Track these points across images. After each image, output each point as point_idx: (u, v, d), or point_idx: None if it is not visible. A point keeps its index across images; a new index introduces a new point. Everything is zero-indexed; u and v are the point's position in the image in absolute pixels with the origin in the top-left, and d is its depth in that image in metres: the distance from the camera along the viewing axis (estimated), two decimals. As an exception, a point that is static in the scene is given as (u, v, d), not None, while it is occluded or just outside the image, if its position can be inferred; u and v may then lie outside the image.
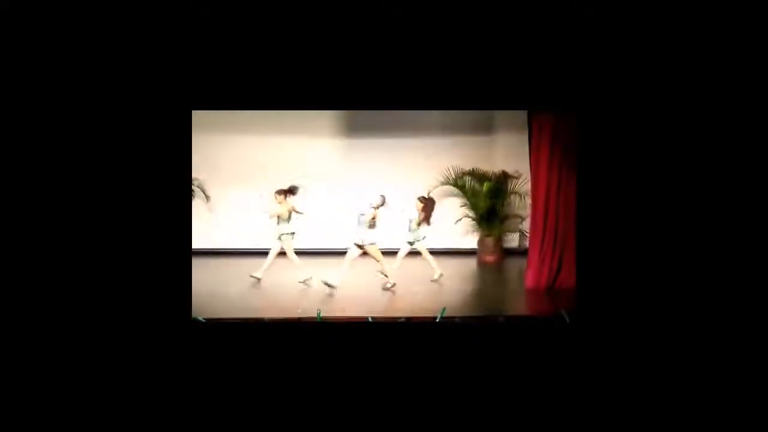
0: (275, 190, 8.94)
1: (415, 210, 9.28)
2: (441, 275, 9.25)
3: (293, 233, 9.01)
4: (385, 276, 8.70)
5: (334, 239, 9.69)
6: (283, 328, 6.56)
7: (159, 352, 5.64)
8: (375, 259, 8.64)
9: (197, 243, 10.43)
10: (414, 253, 9.40)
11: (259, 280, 9.00)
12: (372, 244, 8.51)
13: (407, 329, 6.62)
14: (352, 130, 11.40)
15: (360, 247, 8.54)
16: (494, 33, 6.56)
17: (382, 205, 8.66)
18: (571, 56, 6.69)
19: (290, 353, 5.67)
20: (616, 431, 4.64)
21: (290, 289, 8.79)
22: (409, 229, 9.32)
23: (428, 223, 9.17)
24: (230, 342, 5.94)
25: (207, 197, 11.26)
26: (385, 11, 6.25)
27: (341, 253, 8.77)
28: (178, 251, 6.56)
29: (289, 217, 8.96)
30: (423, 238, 9.27)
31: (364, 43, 6.51)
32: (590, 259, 7.04)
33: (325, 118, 11.28)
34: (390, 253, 9.17)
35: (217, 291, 8.58)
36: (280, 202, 8.92)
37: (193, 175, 10.87)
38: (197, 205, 11.14)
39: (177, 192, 6.57)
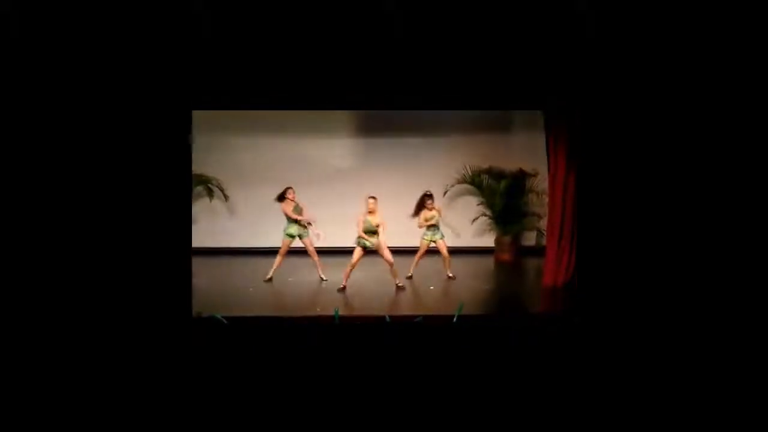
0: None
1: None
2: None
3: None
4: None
5: (348, 238, 9.69)
6: (301, 326, 6.61)
7: (165, 348, 5.69)
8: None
9: (216, 242, 10.65)
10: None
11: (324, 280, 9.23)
12: None
13: (424, 327, 6.65)
14: (370, 129, 11.42)
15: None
16: (504, 38, 6.58)
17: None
18: (575, 59, 6.70)
19: (308, 350, 5.71)
20: (631, 426, 4.63)
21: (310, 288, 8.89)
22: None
23: None
24: (249, 339, 5.98)
25: (225, 197, 11.34)
26: (390, 14, 6.26)
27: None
28: (178, 249, 6.63)
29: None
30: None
31: (369, 44, 6.52)
32: (592, 256, 7.07)
33: (343, 117, 11.30)
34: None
35: (235, 289, 8.68)
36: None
37: (212, 175, 11.05)
38: (216, 205, 11.24)
39: (177, 191, 6.63)
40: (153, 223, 6.52)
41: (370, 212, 8.74)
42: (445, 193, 11.06)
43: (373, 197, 8.79)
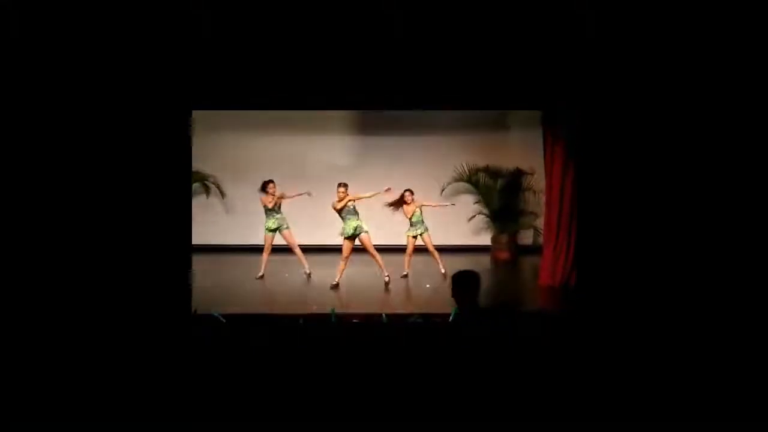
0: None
1: None
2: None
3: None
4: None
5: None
6: (296, 324, 6.60)
7: (164, 346, 5.69)
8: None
9: (213, 239, 10.65)
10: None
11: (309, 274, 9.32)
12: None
13: (420, 325, 6.65)
14: (366, 127, 11.42)
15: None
16: (503, 39, 6.59)
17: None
18: (575, 59, 6.71)
19: (304, 348, 5.71)
20: (629, 425, 4.65)
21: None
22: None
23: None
24: (243, 337, 5.99)
25: (222, 194, 11.36)
26: (390, 14, 6.26)
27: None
28: (178, 247, 6.63)
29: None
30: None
31: (369, 44, 6.52)
32: (591, 255, 7.08)
33: (340, 114, 11.30)
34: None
35: (231, 286, 8.69)
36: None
37: (210, 173, 11.05)
38: (213, 203, 11.25)
39: (177, 190, 6.64)
40: (153, 221, 6.53)
41: (340, 200, 8.75)
42: (442, 191, 11.09)
43: (342, 184, 8.84)
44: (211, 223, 10.90)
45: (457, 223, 11.05)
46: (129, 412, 4.68)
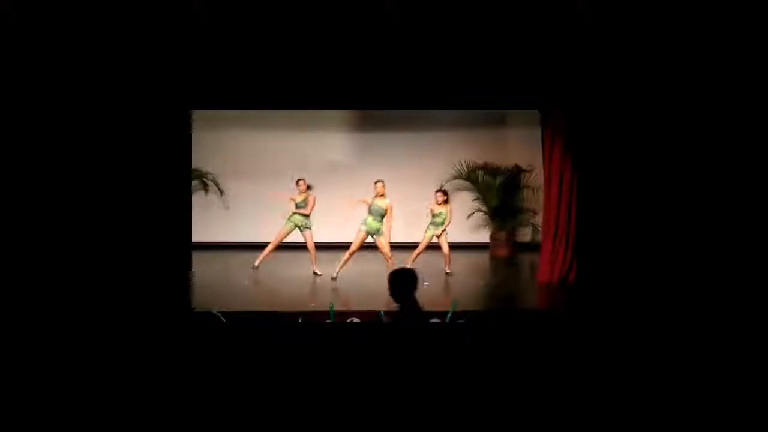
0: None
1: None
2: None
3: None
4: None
5: (346, 233, 9.73)
6: (295, 321, 6.61)
7: (165, 344, 5.70)
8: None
9: (211, 237, 10.65)
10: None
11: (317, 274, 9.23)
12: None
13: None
14: (365, 124, 11.42)
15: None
16: (503, 39, 6.60)
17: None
18: (574, 58, 6.73)
19: (302, 346, 5.72)
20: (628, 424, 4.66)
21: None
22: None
23: None
24: (242, 335, 5.99)
25: (221, 191, 11.35)
26: (390, 13, 6.27)
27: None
28: (178, 245, 6.64)
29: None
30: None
31: (369, 44, 6.53)
32: (590, 251, 7.08)
33: (339, 113, 11.30)
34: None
35: (230, 283, 8.70)
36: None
37: (208, 170, 11.05)
38: (212, 200, 11.25)
39: (177, 190, 6.65)
40: (153, 221, 6.54)
41: (379, 196, 8.73)
42: (441, 187, 11.08)
43: (381, 180, 8.76)
44: (209, 220, 10.91)
45: (456, 220, 11.03)
46: (128, 411, 4.69)
